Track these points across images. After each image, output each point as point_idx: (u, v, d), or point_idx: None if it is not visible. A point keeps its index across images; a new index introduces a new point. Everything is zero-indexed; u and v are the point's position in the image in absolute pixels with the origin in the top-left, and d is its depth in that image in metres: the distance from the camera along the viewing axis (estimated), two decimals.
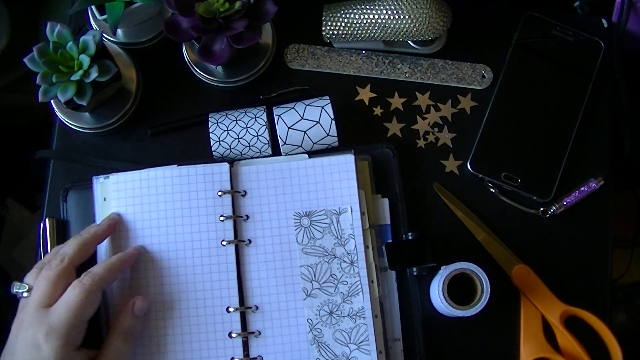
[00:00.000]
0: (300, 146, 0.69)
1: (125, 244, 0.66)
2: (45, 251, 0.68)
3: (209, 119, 0.70)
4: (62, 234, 0.69)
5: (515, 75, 0.74)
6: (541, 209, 0.71)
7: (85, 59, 0.64)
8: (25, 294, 0.61)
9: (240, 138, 0.69)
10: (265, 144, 0.69)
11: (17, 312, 0.61)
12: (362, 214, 0.68)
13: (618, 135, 0.76)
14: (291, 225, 0.67)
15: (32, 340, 0.57)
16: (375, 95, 0.75)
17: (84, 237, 0.64)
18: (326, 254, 0.67)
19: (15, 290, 0.62)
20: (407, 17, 0.70)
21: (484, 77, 0.75)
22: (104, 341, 0.61)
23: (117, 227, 0.67)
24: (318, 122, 0.69)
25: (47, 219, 0.69)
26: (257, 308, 0.66)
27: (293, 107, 0.70)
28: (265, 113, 0.70)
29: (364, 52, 0.76)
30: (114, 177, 0.68)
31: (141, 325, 0.64)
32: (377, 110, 0.74)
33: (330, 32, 0.74)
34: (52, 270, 0.60)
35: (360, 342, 0.65)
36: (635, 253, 0.96)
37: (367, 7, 0.72)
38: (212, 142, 0.69)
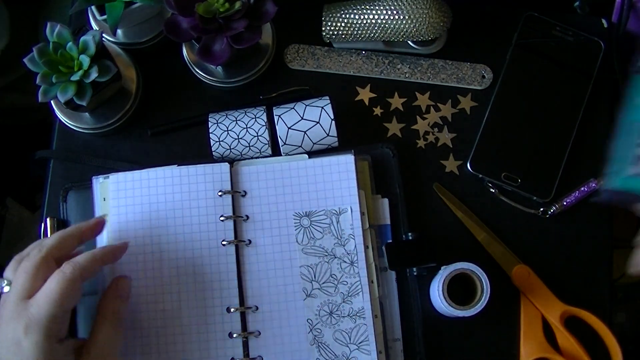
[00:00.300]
0: (300, 146, 0.69)
1: None
2: None
3: (209, 119, 0.70)
4: None
5: (515, 75, 0.74)
6: (541, 209, 0.71)
7: (85, 59, 0.64)
8: (5, 289, 0.58)
9: (240, 138, 0.69)
10: (265, 144, 0.69)
11: None
12: (362, 214, 0.68)
13: None
14: (291, 226, 0.67)
15: (12, 335, 0.54)
16: (375, 95, 0.75)
17: (66, 230, 0.61)
18: (326, 254, 0.67)
19: None
20: (407, 17, 0.70)
21: (484, 77, 0.75)
22: (91, 329, 0.59)
23: (113, 227, 0.67)
24: (318, 123, 0.69)
25: (47, 219, 0.69)
26: (257, 308, 0.66)
27: (293, 107, 0.70)
28: (265, 113, 0.70)
29: (364, 52, 0.76)
30: (114, 177, 0.68)
31: (126, 307, 0.61)
32: (377, 110, 0.74)
33: (330, 32, 0.74)
34: (30, 261, 0.57)
35: (360, 342, 0.65)
36: None
37: (367, 7, 0.72)
38: (212, 142, 0.69)
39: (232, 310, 0.65)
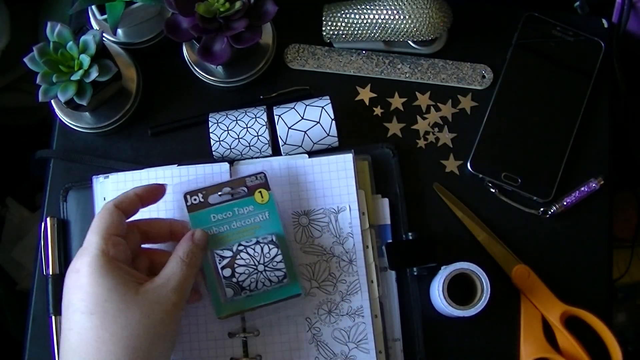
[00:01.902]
0: (301, 146, 0.69)
1: None
2: (46, 251, 0.68)
3: (209, 119, 0.70)
4: (62, 234, 0.69)
5: (515, 75, 0.74)
6: (541, 209, 0.71)
7: (85, 59, 0.64)
8: None
9: (241, 138, 0.69)
10: (266, 144, 0.69)
11: None
12: (362, 214, 0.68)
13: (618, 135, 0.76)
14: (289, 224, 0.67)
15: (71, 268, 0.56)
16: (375, 95, 0.75)
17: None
18: (325, 252, 0.67)
19: None
20: (407, 17, 0.70)
21: (484, 77, 0.75)
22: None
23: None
24: (318, 122, 0.69)
25: (48, 219, 0.69)
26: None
27: (293, 107, 0.70)
28: (265, 113, 0.70)
29: (364, 52, 0.76)
30: (114, 177, 0.68)
31: (201, 254, 0.60)
32: (377, 110, 0.74)
33: (331, 32, 0.74)
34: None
35: (359, 341, 0.65)
36: (635, 253, 0.96)
37: (367, 7, 0.72)
38: (212, 142, 0.69)
39: None
